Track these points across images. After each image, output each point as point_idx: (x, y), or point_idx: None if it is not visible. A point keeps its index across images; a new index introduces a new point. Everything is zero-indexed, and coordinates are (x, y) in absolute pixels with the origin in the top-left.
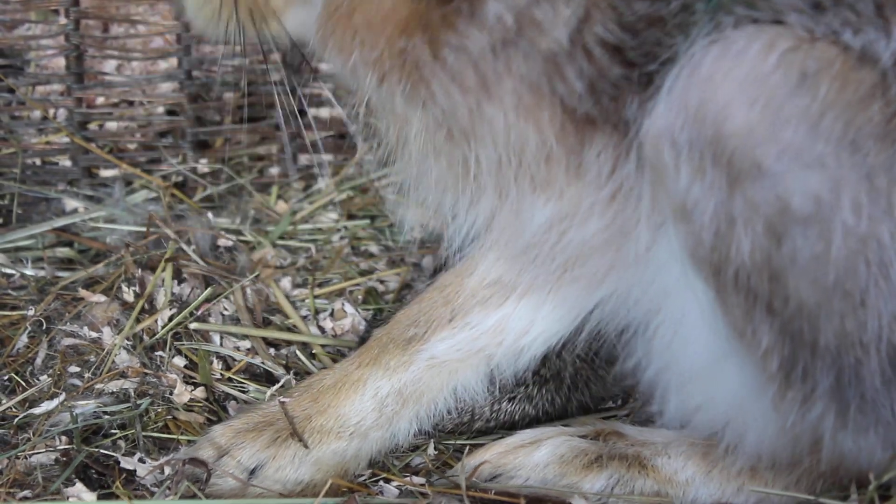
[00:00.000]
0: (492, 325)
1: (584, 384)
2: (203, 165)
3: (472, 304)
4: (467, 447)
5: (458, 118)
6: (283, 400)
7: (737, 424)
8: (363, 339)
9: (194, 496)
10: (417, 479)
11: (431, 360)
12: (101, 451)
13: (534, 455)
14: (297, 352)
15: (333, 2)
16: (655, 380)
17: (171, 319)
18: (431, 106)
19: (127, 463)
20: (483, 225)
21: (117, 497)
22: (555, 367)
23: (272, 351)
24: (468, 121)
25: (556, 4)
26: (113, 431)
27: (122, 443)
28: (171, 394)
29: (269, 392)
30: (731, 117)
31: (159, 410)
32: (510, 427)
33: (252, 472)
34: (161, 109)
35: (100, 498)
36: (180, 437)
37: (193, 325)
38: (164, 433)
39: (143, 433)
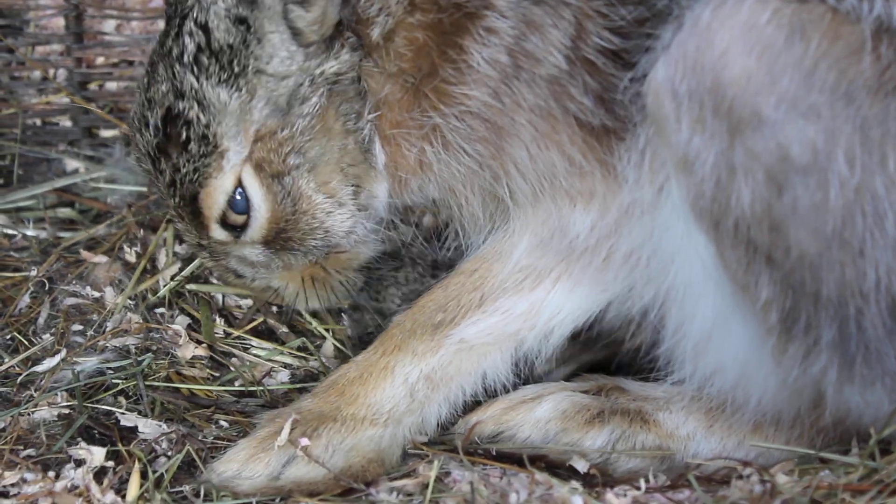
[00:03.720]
0: (524, 309)
1: None
2: None
3: (503, 288)
4: None
5: (483, 165)
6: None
7: (743, 383)
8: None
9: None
10: (419, 439)
11: (461, 343)
12: (104, 406)
13: (536, 411)
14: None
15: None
16: (672, 347)
17: (172, 279)
18: (460, 159)
19: (127, 420)
20: (516, 229)
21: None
22: None
23: (274, 309)
24: (495, 163)
25: (545, 32)
26: (115, 382)
27: (123, 399)
28: (174, 349)
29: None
30: (729, 65)
31: (163, 364)
32: None
33: (285, 465)
34: None
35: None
36: (184, 387)
37: (191, 287)
38: (167, 390)
39: (146, 383)
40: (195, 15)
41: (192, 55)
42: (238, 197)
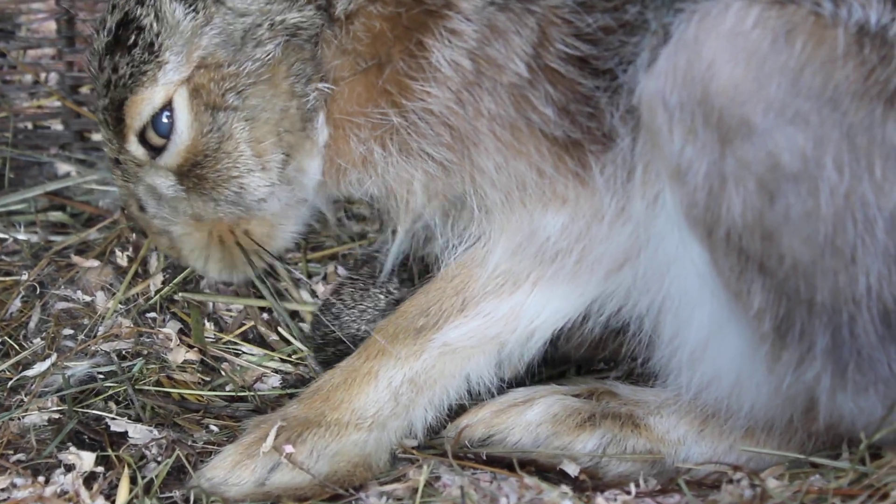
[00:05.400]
0: (505, 312)
1: None
2: None
3: (484, 292)
4: None
5: (449, 171)
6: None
7: (737, 391)
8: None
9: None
10: (409, 443)
11: (444, 346)
12: (94, 411)
13: (526, 414)
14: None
15: (328, 136)
16: (668, 356)
17: (164, 284)
18: (423, 163)
19: (117, 425)
20: (491, 235)
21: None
22: None
23: (265, 316)
24: (462, 170)
25: (508, 37)
26: (106, 386)
27: (113, 405)
28: (165, 353)
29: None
30: (716, 75)
31: (154, 368)
32: None
33: (270, 471)
34: None
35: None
36: (175, 392)
37: (180, 295)
38: (158, 394)
39: (136, 388)
40: None
41: None
42: (165, 120)
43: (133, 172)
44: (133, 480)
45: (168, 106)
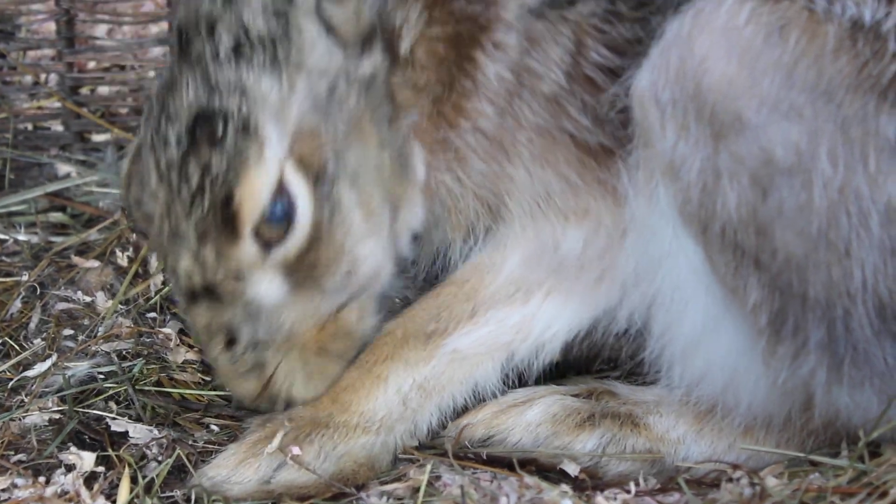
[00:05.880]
0: (517, 321)
1: None
2: None
3: (495, 299)
4: None
5: (485, 182)
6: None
7: (733, 386)
8: None
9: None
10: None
11: (454, 353)
12: (94, 411)
13: (526, 414)
14: None
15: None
16: (659, 351)
17: (164, 284)
18: (469, 176)
19: (118, 425)
20: (508, 242)
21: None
22: None
23: None
24: (496, 181)
25: (546, 47)
26: (106, 387)
27: (113, 405)
28: (165, 353)
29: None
30: (710, 70)
31: (154, 368)
32: None
33: (276, 470)
34: (152, 73)
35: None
36: (175, 392)
37: None
38: (158, 394)
39: (137, 388)
40: (229, 17)
41: (231, 48)
42: (279, 204)
43: (231, 292)
44: (134, 480)
45: (279, 187)
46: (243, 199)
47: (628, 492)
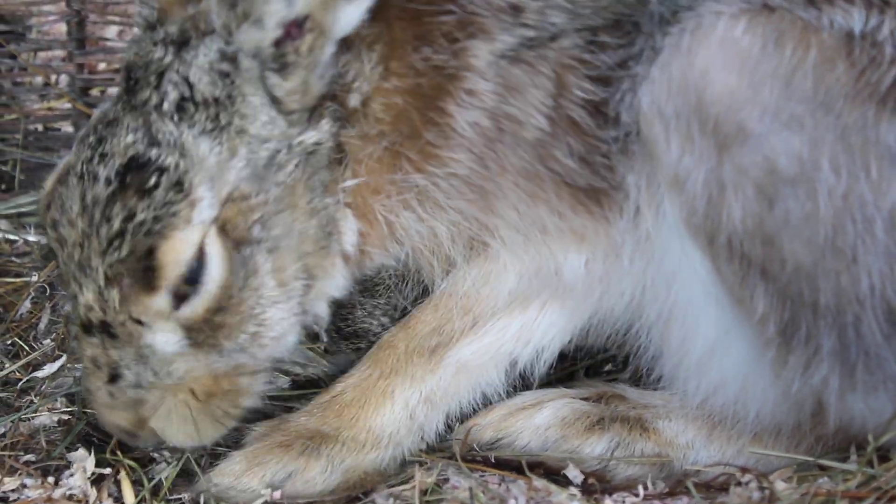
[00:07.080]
0: (517, 329)
1: None
2: None
3: (494, 311)
4: None
5: (469, 218)
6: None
7: (743, 397)
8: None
9: None
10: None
11: (459, 364)
12: None
13: (535, 417)
14: None
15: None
16: (675, 364)
17: None
18: (446, 215)
19: None
20: (507, 262)
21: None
22: None
23: None
24: (484, 218)
25: (525, 92)
26: None
27: None
28: None
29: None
30: (711, 82)
31: None
32: None
33: (283, 481)
34: None
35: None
36: None
37: None
38: None
39: None
40: (177, 68)
41: (175, 103)
42: (195, 264)
43: (129, 334)
44: (141, 482)
45: (200, 250)
46: (166, 256)
47: (637, 495)
